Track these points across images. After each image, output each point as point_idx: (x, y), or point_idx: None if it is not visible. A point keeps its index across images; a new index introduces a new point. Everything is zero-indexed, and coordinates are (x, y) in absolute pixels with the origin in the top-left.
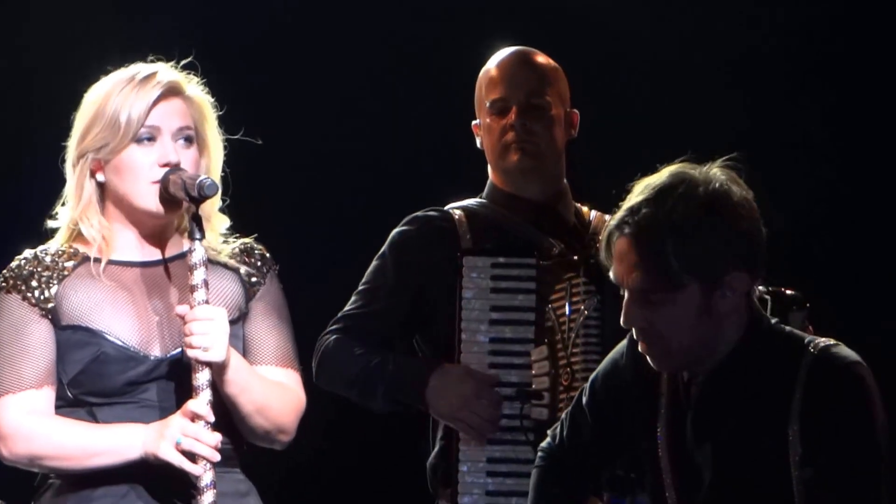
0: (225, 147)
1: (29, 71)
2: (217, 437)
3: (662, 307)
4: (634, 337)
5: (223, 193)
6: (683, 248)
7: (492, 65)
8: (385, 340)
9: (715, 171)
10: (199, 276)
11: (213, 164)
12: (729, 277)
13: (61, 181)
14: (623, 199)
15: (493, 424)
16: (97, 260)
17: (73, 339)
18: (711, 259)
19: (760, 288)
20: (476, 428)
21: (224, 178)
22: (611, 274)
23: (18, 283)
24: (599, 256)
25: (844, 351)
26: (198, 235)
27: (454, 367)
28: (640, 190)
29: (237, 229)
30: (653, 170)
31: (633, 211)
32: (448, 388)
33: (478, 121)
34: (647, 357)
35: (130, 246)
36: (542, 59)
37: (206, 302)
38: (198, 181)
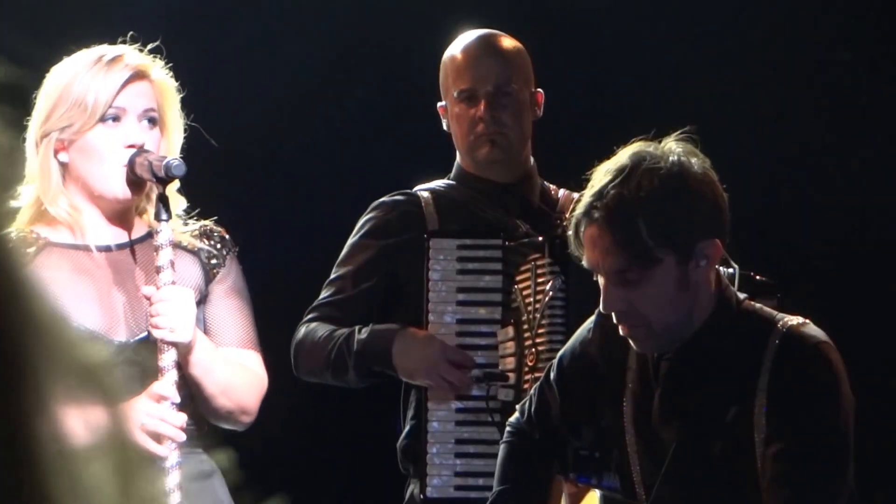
0: (186, 129)
1: None
2: (182, 418)
3: (641, 285)
4: (615, 321)
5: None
6: (655, 222)
7: (457, 51)
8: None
9: (671, 146)
10: (165, 256)
11: (172, 145)
12: (701, 245)
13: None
14: (584, 188)
15: (463, 382)
16: (62, 245)
17: None
18: (683, 230)
19: (729, 270)
20: (440, 386)
21: (185, 160)
22: (584, 262)
23: None
24: (569, 246)
25: (812, 329)
26: (164, 216)
27: (421, 330)
28: (602, 174)
29: (199, 212)
30: (617, 148)
31: (599, 195)
32: (415, 347)
33: (443, 103)
34: (631, 340)
35: (94, 229)
36: (506, 43)
37: (173, 283)
38: (164, 162)
